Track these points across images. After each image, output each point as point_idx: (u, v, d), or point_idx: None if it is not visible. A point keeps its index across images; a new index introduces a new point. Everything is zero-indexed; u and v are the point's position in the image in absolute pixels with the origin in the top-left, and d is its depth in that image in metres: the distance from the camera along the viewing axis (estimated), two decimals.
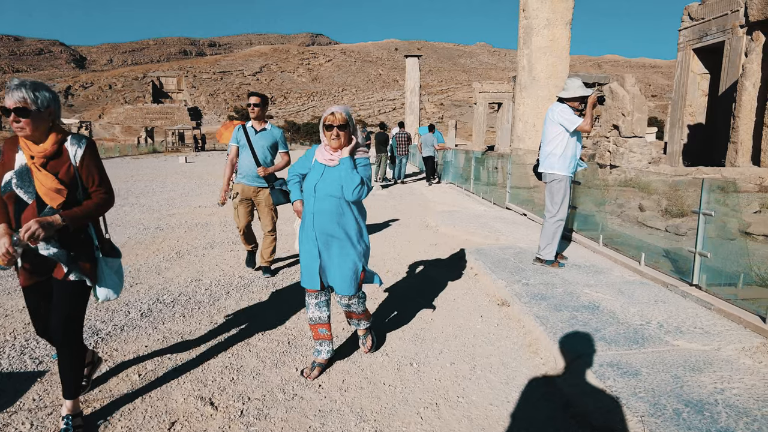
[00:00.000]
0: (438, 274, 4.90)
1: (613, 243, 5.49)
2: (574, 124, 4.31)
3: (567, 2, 12.09)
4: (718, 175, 12.22)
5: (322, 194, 2.64)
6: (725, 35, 17.22)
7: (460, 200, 10.22)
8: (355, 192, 2.57)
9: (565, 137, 4.41)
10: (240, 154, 4.52)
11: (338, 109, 2.61)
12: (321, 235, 2.67)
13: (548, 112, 4.51)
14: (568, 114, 4.35)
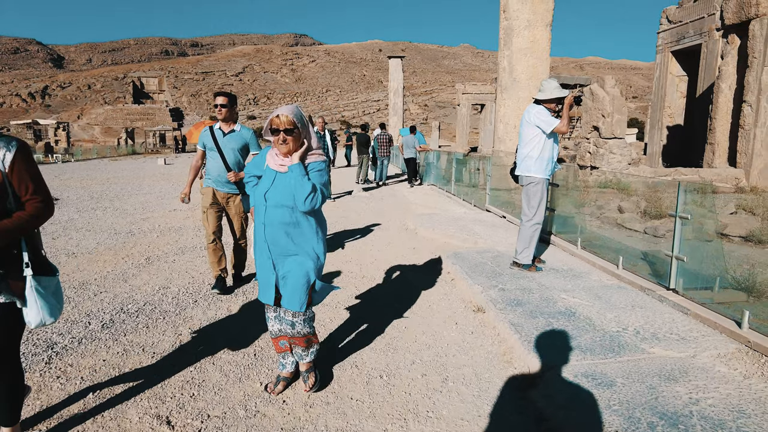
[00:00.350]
0: (415, 279, 4.80)
1: (591, 246, 5.45)
2: (550, 126, 4.25)
3: (547, 4, 12.12)
4: (696, 176, 12.35)
5: (273, 203, 2.43)
6: (702, 38, 17.48)
7: (440, 202, 10.15)
8: (308, 201, 2.34)
9: (542, 139, 4.35)
10: (208, 159, 4.28)
11: (285, 110, 2.37)
12: (274, 248, 2.47)
13: (524, 113, 4.44)
14: (544, 115, 4.28)
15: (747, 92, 12.61)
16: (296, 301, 2.49)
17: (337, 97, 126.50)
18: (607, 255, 5.10)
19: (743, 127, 12.70)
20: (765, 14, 12.19)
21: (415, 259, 5.54)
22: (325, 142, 9.88)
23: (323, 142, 9.84)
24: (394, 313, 3.86)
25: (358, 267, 5.19)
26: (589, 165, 12.60)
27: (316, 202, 2.38)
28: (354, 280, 4.73)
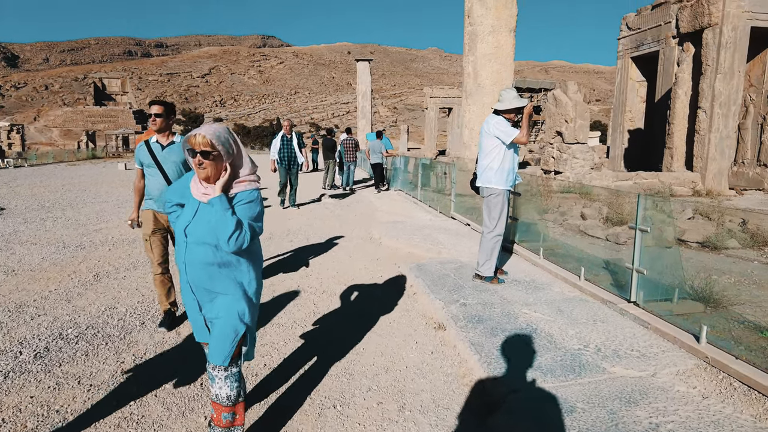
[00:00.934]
0: (376, 293, 4.66)
1: (553, 255, 5.43)
2: (510, 137, 4.19)
3: (511, 10, 12.21)
4: (655, 180, 12.66)
5: (194, 240, 2.08)
6: (659, 45, 17.98)
7: (407, 209, 10.06)
8: (232, 241, 1.99)
9: (502, 150, 4.28)
10: (147, 176, 3.82)
11: (203, 129, 2.02)
12: (197, 290, 2.16)
13: (484, 124, 4.38)
14: (503, 126, 4.22)
15: (702, 99, 13.03)
16: (219, 353, 2.13)
17: (306, 99, 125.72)
18: (569, 264, 5.09)
19: (699, 132, 13.11)
20: (717, 24, 12.61)
21: (378, 271, 5.40)
22: (291, 147, 9.54)
23: (289, 147, 9.53)
24: (352, 333, 3.71)
25: (318, 281, 5.02)
26: (553, 170, 12.77)
27: (242, 242, 2.03)
28: (313, 296, 4.56)
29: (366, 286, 4.89)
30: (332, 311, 4.19)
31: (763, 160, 13.50)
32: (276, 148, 9.60)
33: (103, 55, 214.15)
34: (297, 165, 9.67)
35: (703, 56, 12.95)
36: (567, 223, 7.55)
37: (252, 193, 2.13)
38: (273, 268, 5.54)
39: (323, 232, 7.68)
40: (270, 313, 4.14)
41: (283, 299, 4.48)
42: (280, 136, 9.55)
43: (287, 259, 5.96)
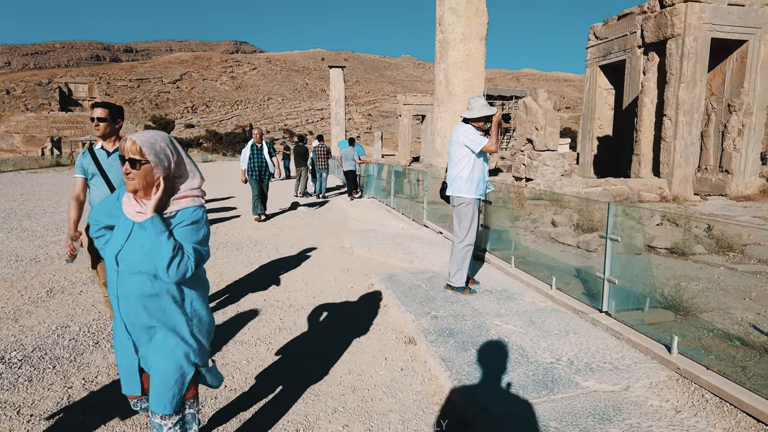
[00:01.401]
0: (345, 307, 4.52)
1: (525, 263, 5.39)
2: (479, 145, 4.13)
3: (482, 18, 12.30)
4: (624, 186, 12.88)
5: (128, 268, 1.77)
6: (626, 54, 18.42)
7: (380, 217, 9.95)
8: (172, 269, 1.70)
9: (471, 159, 4.22)
10: (91, 188, 3.56)
11: (137, 135, 1.74)
12: (133, 328, 1.85)
13: (453, 133, 4.31)
14: (472, 134, 4.16)
15: (667, 107, 13.35)
16: (162, 401, 1.85)
17: (280, 105, 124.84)
18: (540, 273, 5.05)
19: (665, 139, 13.42)
20: (680, 34, 12.96)
21: (348, 282, 5.26)
22: (262, 155, 9.13)
23: (260, 156, 9.12)
24: (319, 350, 3.56)
25: (285, 294, 4.85)
26: (524, 177, 12.87)
27: (185, 270, 1.73)
28: (279, 310, 4.38)
29: (335, 298, 4.74)
30: (299, 327, 4.03)
31: (725, 167, 13.90)
32: (246, 158, 9.13)
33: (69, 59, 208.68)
34: (268, 175, 9.24)
35: (668, 66, 13.29)
36: (538, 230, 7.55)
37: (196, 212, 1.83)
38: (238, 281, 5.33)
39: (293, 241, 7.49)
40: (233, 329, 3.95)
41: (247, 314, 4.29)
42: (250, 145, 9.09)
43: (254, 272, 5.76)
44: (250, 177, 9.09)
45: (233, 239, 7.66)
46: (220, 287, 5.09)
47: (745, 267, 5.77)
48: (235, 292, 4.91)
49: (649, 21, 13.99)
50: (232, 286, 5.12)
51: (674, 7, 12.91)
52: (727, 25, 13.09)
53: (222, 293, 4.90)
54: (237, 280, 5.40)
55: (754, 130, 13.70)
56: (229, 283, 5.23)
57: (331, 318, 4.23)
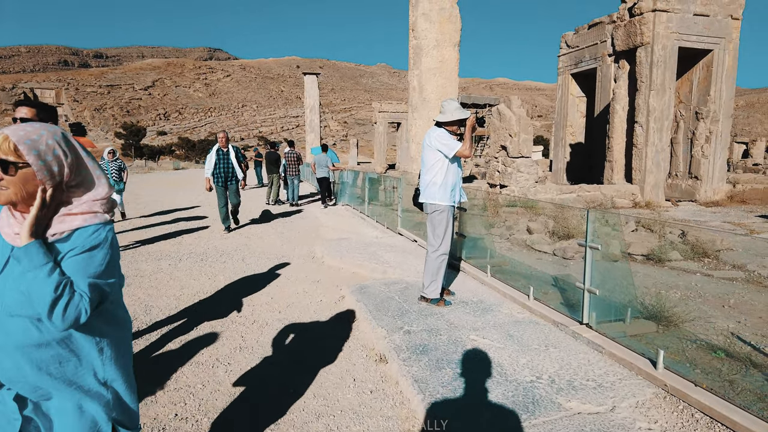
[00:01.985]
0: (313, 322, 4.24)
1: (501, 272, 5.20)
2: (452, 150, 3.93)
3: (455, 24, 12.25)
4: (597, 192, 12.93)
5: (4, 309, 1.30)
6: (597, 62, 18.69)
7: (353, 225, 9.69)
8: (57, 315, 1.24)
9: (445, 164, 4.01)
10: None
11: (12, 130, 1.28)
12: (16, 386, 1.36)
13: (425, 137, 4.10)
14: (445, 138, 3.96)
15: (638, 113, 13.51)
16: None
17: (254, 112, 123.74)
18: (517, 282, 4.87)
19: (636, 146, 13.56)
20: (648, 43, 13.15)
21: (318, 295, 4.98)
22: (228, 161, 8.47)
23: (226, 162, 8.44)
24: (282, 371, 3.28)
25: (249, 309, 4.54)
26: (499, 183, 12.80)
27: (75, 315, 1.26)
28: (241, 327, 4.08)
29: (303, 313, 4.45)
30: (262, 345, 3.73)
31: (694, 173, 14.13)
32: (210, 164, 8.43)
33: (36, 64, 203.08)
34: (235, 181, 8.60)
35: (638, 73, 13.47)
36: (513, 237, 7.41)
37: (97, 234, 1.35)
38: (199, 294, 5.00)
39: (262, 251, 7.16)
40: (190, 349, 3.63)
41: (206, 332, 3.97)
42: (215, 150, 8.44)
43: (217, 284, 5.42)
44: (216, 184, 8.44)
45: (198, 249, 7.29)
46: (179, 302, 4.75)
47: (720, 273, 5.71)
48: (196, 307, 4.58)
49: (619, 29, 14.18)
50: (193, 300, 4.78)
51: (643, 16, 13.11)
52: (693, 35, 13.35)
53: (181, 308, 4.56)
54: (198, 293, 5.07)
55: (721, 137, 13.98)
56: (190, 297, 4.89)
57: (297, 335, 3.94)
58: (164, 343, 3.74)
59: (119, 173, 9.51)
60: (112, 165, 9.44)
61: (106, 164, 9.40)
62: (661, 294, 4.22)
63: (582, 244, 3.56)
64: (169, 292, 5.14)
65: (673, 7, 12.91)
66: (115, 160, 9.52)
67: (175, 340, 3.80)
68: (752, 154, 39.55)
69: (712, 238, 6.96)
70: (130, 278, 5.66)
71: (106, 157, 9.46)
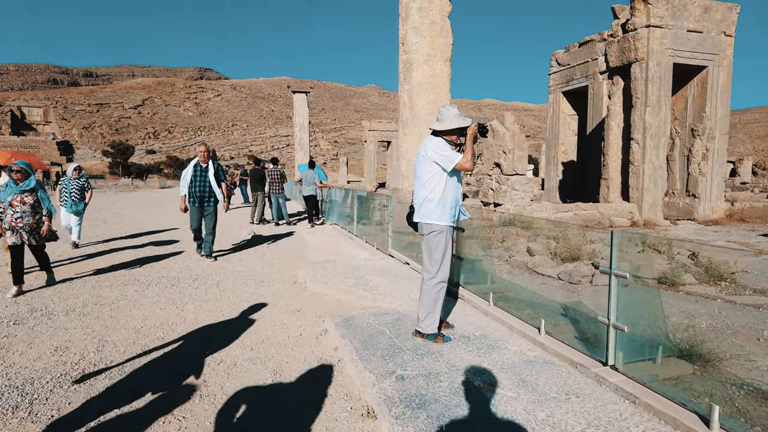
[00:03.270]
0: (290, 362, 3.63)
1: (504, 300, 4.65)
2: (452, 162, 3.41)
3: (446, 39, 11.91)
4: (595, 210, 12.51)
5: None
6: (588, 80, 18.54)
7: (341, 245, 9.11)
8: None
9: (443, 178, 3.49)
10: None
11: None
12: None
13: (421, 148, 3.58)
14: (443, 149, 3.44)
15: (634, 130, 13.19)
16: None
17: (244, 131, 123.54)
18: (523, 312, 4.31)
19: (633, 163, 13.21)
20: (643, 59, 12.91)
21: (297, 328, 4.38)
22: (206, 178, 7.55)
23: (203, 179, 7.47)
24: (248, 427, 2.67)
25: (217, 344, 3.92)
26: (492, 201, 12.33)
27: None
28: (206, 368, 3.46)
29: (278, 351, 3.85)
30: (226, 392, 3.12)
31: (692, 191, 13.78)
32: (186, 181, 7.39)
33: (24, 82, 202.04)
34: (213, 203, 7.54)
35: (633, 90, 13.19)
36: (514, 260, 6.87)
37: None
38: (163, 327, 4.37)
39: (240, 275, 6.55)
40: (137, 394, 3.01)
41: (163, 375, 3.35)
42: (193, 165, 7.42)
43: (184, 314, 4.80)
44: (191, 204, 7.43)
45: (171, 273, 6.67)
46: (139, 335, 4.13)
47: (742, 299, 5.20)
48: (155, 342, 3.96)
49: (612, 45, 13.96)
50: (154, 334, 4.16)
51: (637, 32, 12.89)
52: (687, 51, 13.15)
53: (139, 343, 3.93)
54: (162, 324, 4.44)
55: (718, 154, 13.69)
56: (151, 330, 4.27)
57: (270, 379, 3.33)
58: (111, 395, 3.12)
59: (81, 192, 8.65)
60: (74, 184, 8.61)
61: (68, 182, 8.60)
62: (692, 327, 3.70)
63: (606, 270, 3.02)
64: (130, 323, 4.52)
65: (666, 23, 12.71)
66: (79, 178, 8.70)
67: (123, 387, 3.18)
68: (740, 173, 39.80)
69: (725, 260, 6.48)
70: (88, 307, 5.03)
71: (70, 175, 8.65)
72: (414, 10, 11.28)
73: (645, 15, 12.66)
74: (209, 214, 7.53)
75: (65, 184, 8.61)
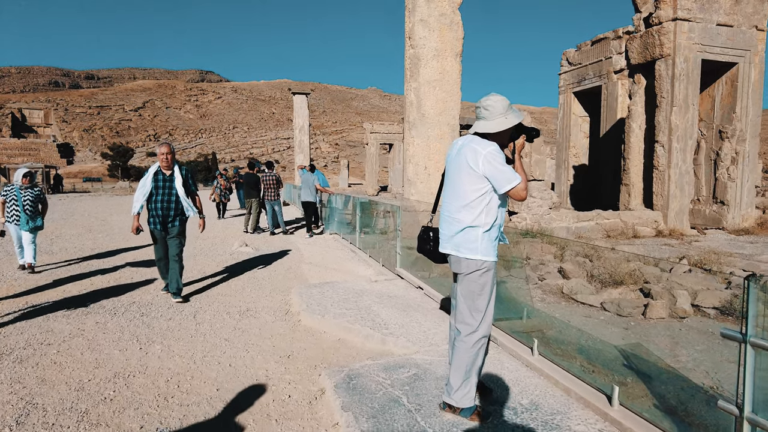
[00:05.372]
0: None
1: (547, 342, 3.68)
2: (509, 184, 2.43)
3: (456, 32, 10.96)
4: (617, 219, 11.55)
5: None
6: (602, 80, 17.64)
7: (342, 261, 8.15)
8: None
9: (493, 198, 2.52)
10: None
11: None
12: None
13: (459, 151, 2.58)
14: (501, 162, 2.45)
15: (658, 132, 12.22)
16: None
17: (245, 134, 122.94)
18: (576, 363, 3.35)
19: (657, 168, 12.24)
20: (669, 55, 11.95)
21: (285, 384, 3.40)
22: (172, 190, 5.50)
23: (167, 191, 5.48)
24: None
25: (178, 413, 2.95)
26: (508, 210, 11.38)
27: None
28: None
29: (259, 423, 2.88)
30: None
31: (719, 197, 12.81)
32: (143, 195, 5.38)
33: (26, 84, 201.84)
34: (179, 221, 5.56)
35: (657, 88, 12.23)
36: (546, 284, 5.90)
37: None
38: (115, 381, 3.41)
39: (222, 300, 5.58)
40: None
41: None
42: (152, 174, 5.43)
43: (147, 359, 3.83)
44: (152, 226, 5.48)
45: (144, 298, 5.70)
46: (81, 395, 3.16)
47: None
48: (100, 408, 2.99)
49: (634, 41, 12.99)
50: (103, 392, 3.19)
51: (662, 26, 11.93)
52: (716, 47, 12.19)
53: (78, 410, 2.97)
54: (116, 375, 3.48)
55: (749, 158, 12.71)
56: (99, 386, 3.30)
57: None
58: None
59: (34, 206, 6.97)
60: (24, 194, 6.90)
61: (16, 192, 6.89)
62: None
63: (735, 336, 2.04)
64: (75, 374, 3.55)
65: (695, 16, 11.75)
66: (30, 187, 7.02)
67: None
68: None
69: None
70: (30, 348, 4.08)
71: (19, 182, 6.94)
72: (422, 1, 10.34)
73: (671, 7, 11.71)
74: (174, 236, 5.56)
75: (15, 195, 6.91)
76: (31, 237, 6.95)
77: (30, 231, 6.91)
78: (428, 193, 10.85)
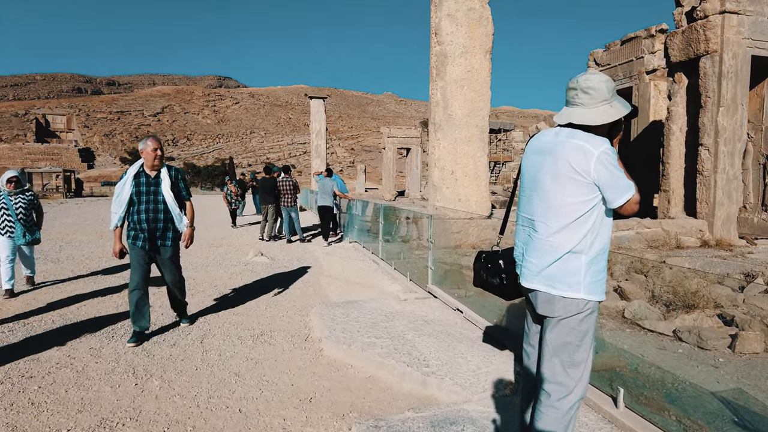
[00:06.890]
0: None
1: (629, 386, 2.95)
2: (628, 192, 1.79)
3: (486, 28, 10.27)
4: (659, 228, 10.68)
5: None
6: (632, 81, 16.82)
7: (365, 273, 7.47)
8: None
9: (600, 215, 1.82)
10: None
11: None
12: None
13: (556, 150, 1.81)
14: (616, 164, 1.77)
15: (703, 135, 11.33)
16: None
17: (262, 139, 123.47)
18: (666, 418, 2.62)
19: (702, 173, 11.34)
20: (716, 51, 11.08)
21: None
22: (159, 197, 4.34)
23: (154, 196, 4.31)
24: None
25: None
26: None
27: None
28: None
29: None
30: None
31: None
32: (122, 203, 4.22)
33: (50, 91, 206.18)
34: (172, 239, 4.44)
35: (702, 87, 11.34)
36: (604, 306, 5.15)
37: None
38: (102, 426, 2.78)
39: (233, 321, 4.94)
40: None
41: None
42: (133, 175, 4.28)
43: (141, 401, 3.20)
44: (133, 244, 4.29)
45: None
46: None
47: None
48: None
49: (674, 38, 12.13)
50: None
51: (708, 20, 11.06)
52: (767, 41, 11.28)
53: None
54: (100, 425, 2.84)
55: None
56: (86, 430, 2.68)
57: None
58: None
59: (27, 214, 5.95)
60: (15, 201, 5.86)
61: (5, 199, 5.81)
62: None
63: None
64: (53, 420, 2.94)
65: (744, 8, 10.87)
66: (21, 192, 5.95)
67: None
68: None
69: None
70: (8, 382, 3.48)
71: (4, 188, 5.87)
72: None
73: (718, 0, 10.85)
74: (169, 258, 4.46)
75: (4, 202, 5.80)
76: (28, 250, 6.19)
77: (27, 245, 6.03)
78: (454, 198, 10.14)
